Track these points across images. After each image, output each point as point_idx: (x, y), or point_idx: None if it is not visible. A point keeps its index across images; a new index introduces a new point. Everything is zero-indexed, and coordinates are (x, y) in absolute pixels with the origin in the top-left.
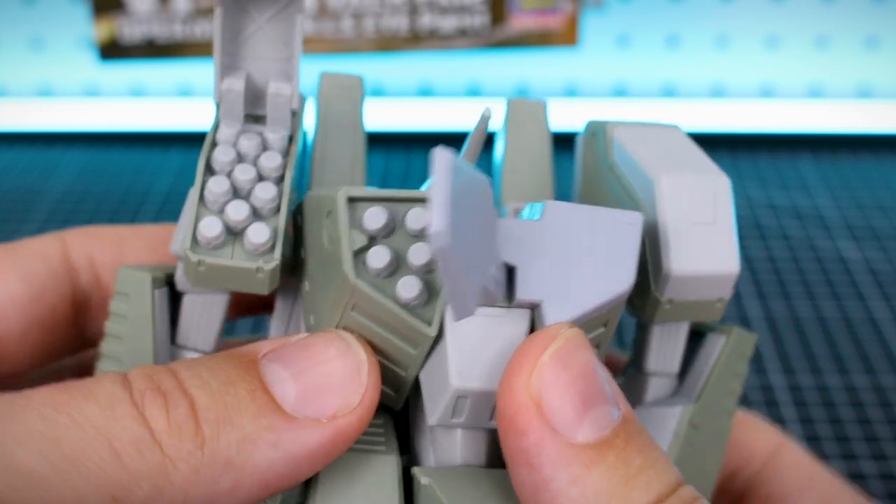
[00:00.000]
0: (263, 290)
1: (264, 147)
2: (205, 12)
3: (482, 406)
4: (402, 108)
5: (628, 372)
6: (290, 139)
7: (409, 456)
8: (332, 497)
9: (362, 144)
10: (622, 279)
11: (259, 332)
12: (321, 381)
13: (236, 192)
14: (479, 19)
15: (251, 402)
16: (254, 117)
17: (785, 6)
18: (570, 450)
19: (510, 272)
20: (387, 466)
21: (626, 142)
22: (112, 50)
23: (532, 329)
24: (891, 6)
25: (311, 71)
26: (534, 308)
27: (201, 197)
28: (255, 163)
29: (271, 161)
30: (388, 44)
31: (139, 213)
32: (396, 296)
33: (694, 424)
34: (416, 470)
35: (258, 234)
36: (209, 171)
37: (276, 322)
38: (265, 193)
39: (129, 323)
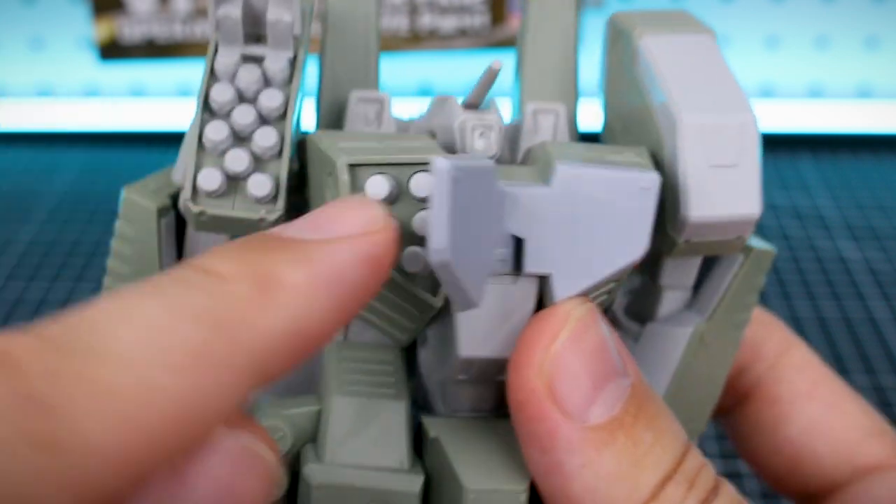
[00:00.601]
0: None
1: (265, 81)
2: (205, 12)
3: (490, 368)
4: (402, 108)
5: (642, 281)
6: (294, 62)
7: (415, 394)
8: (342, 442)
9: (375, 41)
10: (635, 247)
11: None
12: (334, 220)
13: (236, 136)
14: (479, 19)
15: (265, 254)
16: (255, 36)
17: (785, 6)
18: (582, 433)
19: (518, 244)
20: (397, 412)
21: (652, 58)
22: (112, 50)
23: (541, 295)
24: (891, 6)
25: (311, 71)
26: (542, 279)
27: (200, 142)
28: (255, 101)
29: (272, 100)
30: (387, 44)
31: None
32: (403, 267)
33: (705, 342)
34: (425, 420)
35: (260, 186)
36: (207, 110)
37: None
38: (266, 140)
39: (134, 248)
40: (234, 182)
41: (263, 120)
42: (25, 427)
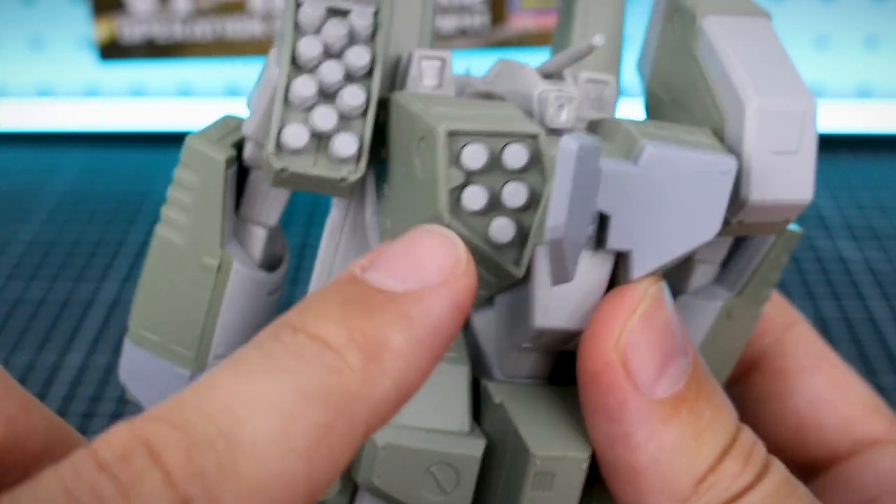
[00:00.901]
0: (346, 196)
1: (351, 38)
2: (205, 12)
3: (558, 339)
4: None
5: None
6: (377, 15)
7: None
8: (406, 406)
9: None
10: (709, 228)
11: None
12: (421, 256)
13: (322, 92)
14: (479, 19)
15: (368, 317)
16: None
17: (784, 6)
18: (650, 406)
19: (602, 220)
20: (458, 376)
21: (714, 38)
22: (112, 50)
23: (613, 271)
24: (891, 6)
25: None
26: (620, 254)
27: (286, 98)
28: (341, 58)
29: (359, 58)
30: None
31: (139, 212)
32: (489, 237)
33: (732, 316)
34: (488, 385)
35: (346, 146)
36: (294, 63)
37: (335, 212)
38: (354, 100)
39: (196, 197)
40: (317, 140)
41: (349, 77)
42: None
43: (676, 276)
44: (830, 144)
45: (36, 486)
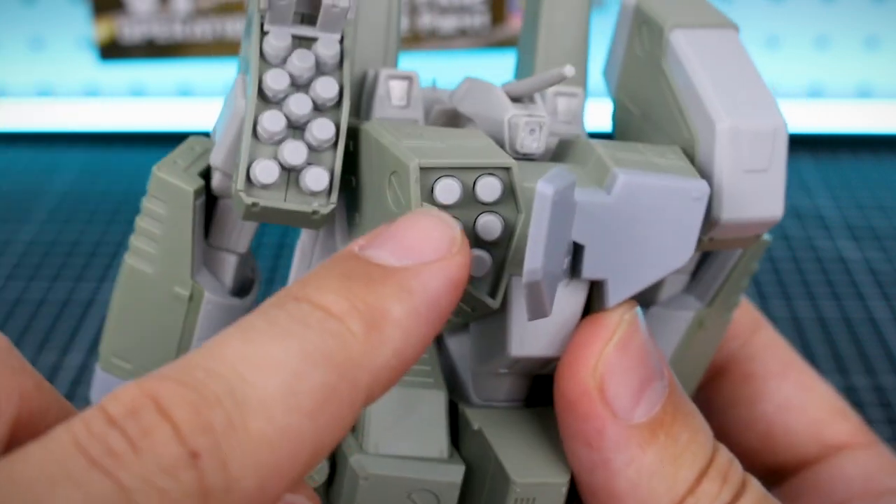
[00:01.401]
0: (316, 228)
1: (318, 68)
2: (205, 12)
3: (534, 365)
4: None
5: None
6: (342, 43)
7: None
8: (384, 432)
9: (396, 18)
10: (682, 254)
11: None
12: (418, 237)
13: (291, 126)
14: (479, 19)
15: (368, 288)
16: (301, 16)
17: (785, 6)
18: (628, 432)
19: (577, 249)
20: (436, 402)
21: (682, 53)
22: (112, 50)
23: (588, 298)
24: (891, 6)
25: None
26: (594, 282)
27: (254, 131)
28: (309, 89)
29: (328, 90)
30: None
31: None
32: None
33: (703, 326)
34: (466, 411)
35: (317, 180)
36: (262, 96)
37: (305, 237)
38: (323, 133)
39: (165, 227)
40: (287, 174)
41: (318, 108)
42: (196, 485)
43: (647, 288)
44: (830, 144)
45: (47, 441)
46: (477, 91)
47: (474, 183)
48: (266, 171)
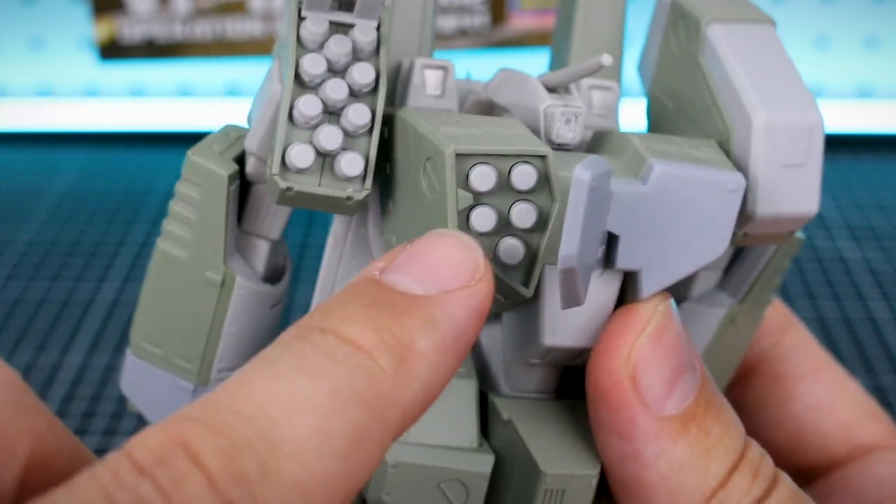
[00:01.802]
0: (350, 214)
1: (355, 54)
2: (205, 12)
3: (566, 356)
4: None
5: None
6: (379, 30)
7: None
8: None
9: (432, 8)
10: (717, 246)
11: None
12: (441, 264)
13: (327, 110)
14: (479, 19)
15: (394, 319)
16: (339, 2)
17: (784, 6)
18: (660, 423)
19: (611, 239)
20: (467, 390)
21: (719, 47)
22: (112, 50)
23: (622, 290)
24: (891, 6)
25: None
26: (628, 272)
27: (290, 115)
28: (345, 75)
29: (364, 76)
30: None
31: (139, 213)
32: (498, 258)
33: (735, 322)
34: (496, 401)
35: (352, 165)
36: (298, 81)
37: (338, 224)
38: (359, 118)
39: (199, 212)
40: (322, 159)
41: (354, 94)
42: None
43: (679, 283)
44: (830, 144)
45: (73, 490)
46: (512, 81)
47: (510, 170)
48: (301, 155)
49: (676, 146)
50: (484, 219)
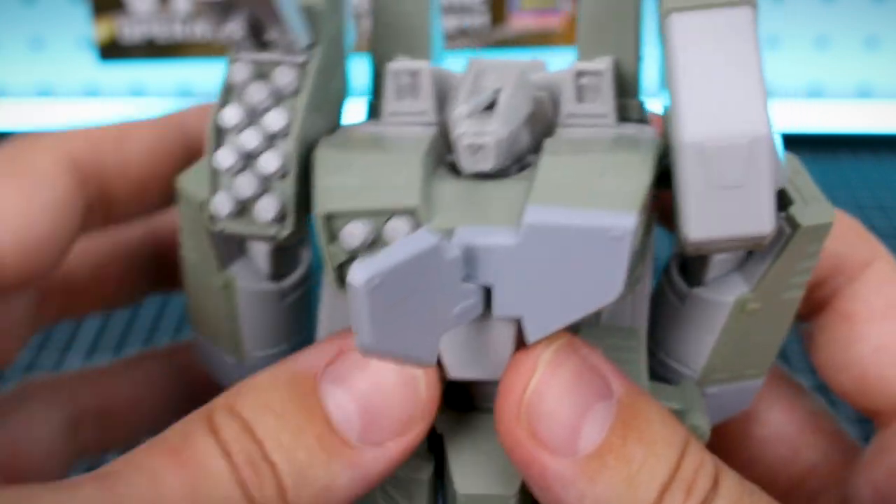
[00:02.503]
0: (290, 244)
1: (276, 96)
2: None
3: (483, 384)
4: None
5: (676, 238)
6: (306, 62)
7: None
8: None
9: (426, 3)
10: (608, 291)
11: None
12: (381, 403)
13: (246, 158)
14: (479, 19)
15: (321, 451)
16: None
17: (784, 6)
18: (573, 468)
19: (488, 291)
20: None
21: (674, 42)
22: (112, 50)
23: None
24: (891, 6)
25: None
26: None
27: (212, 165)
28: (262, 121)
29: (275, 123)
30: None
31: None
32: None
33: (749, 311)
34: (438, 415)
35: (265, 211)
36: (219, 131)
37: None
38: (269, 165)
39: (191, 238)
40: (242, 204)
41: (272, 139)
42: None
43: (693, 267)
44: (830, 144)
45: None
46: (455, 92)
47: (384, 225)
48: (220, 203)
49: (585, 175)
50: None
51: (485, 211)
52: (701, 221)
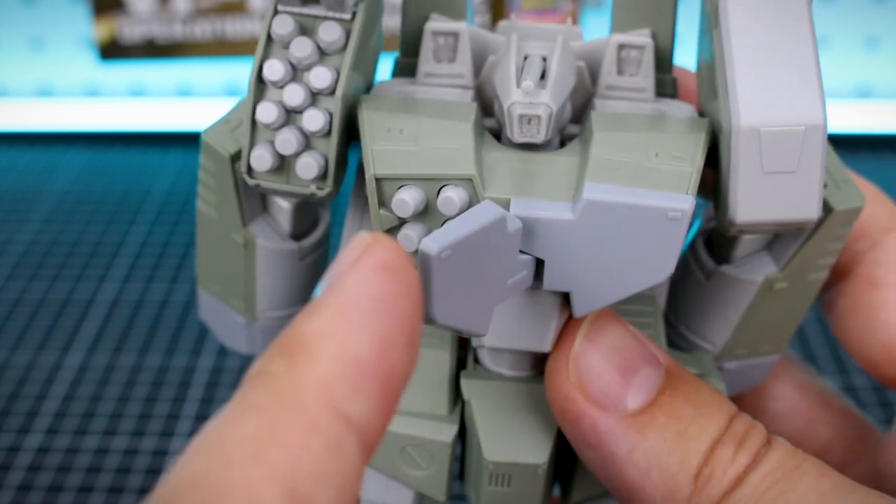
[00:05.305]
0: (326, 202)
1: (321, 52)
2: (205, 12)
3: (520, 354)
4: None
5: (718, 217)
6: (353, 20)
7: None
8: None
9: None
10: (660, 271)
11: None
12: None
13: (288, 113)
14: (479, 19)
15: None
16: None
17: None
18: (623, 422)
19: (539, 263)
20: (439, 361)
21: (732, 24)
22: (112, 50)
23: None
24: (891, 6)
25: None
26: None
27: (253, 120)
28: (306, 77)
29: (321, 80)
30: (388, 44)
31: (139, 213)
32: None
33: (775, 290)
34: (462, 380)
35: (306, 169)
36: (261, 83)
37: (351, 209)
38: (312, 124)
39: (215, 183)
40: (282, 160)
41: (314, 97)
42: None
43: (721, 245)
44: (830, 144)
45: None
46: (499, 59)
47: (438, 193)
48: (260, 158)
49: (639, 154)
50: (407, 241)
51: (537, 183)
52: (750, 205)
